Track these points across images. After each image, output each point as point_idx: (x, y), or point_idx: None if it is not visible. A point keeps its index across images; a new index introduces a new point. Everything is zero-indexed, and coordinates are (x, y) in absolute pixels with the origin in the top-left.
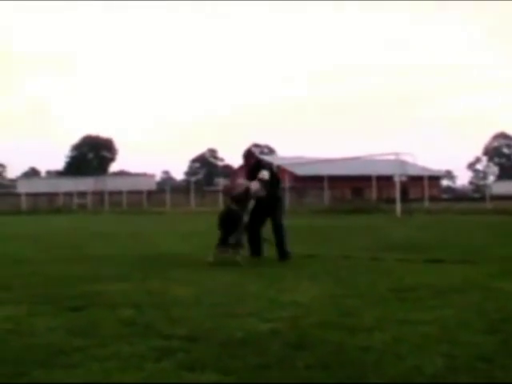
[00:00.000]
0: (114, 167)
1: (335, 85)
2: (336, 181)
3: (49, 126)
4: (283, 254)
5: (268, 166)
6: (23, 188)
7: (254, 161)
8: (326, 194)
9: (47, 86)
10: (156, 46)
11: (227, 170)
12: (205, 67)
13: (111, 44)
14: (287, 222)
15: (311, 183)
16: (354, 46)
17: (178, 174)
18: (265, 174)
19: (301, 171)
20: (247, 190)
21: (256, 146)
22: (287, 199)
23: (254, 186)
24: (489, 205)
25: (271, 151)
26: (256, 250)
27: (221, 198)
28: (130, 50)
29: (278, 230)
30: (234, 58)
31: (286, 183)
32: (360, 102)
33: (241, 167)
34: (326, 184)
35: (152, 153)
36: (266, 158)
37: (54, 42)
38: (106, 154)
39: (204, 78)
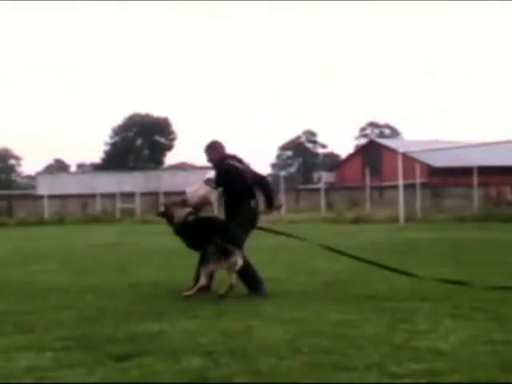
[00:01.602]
0: (171, 158)
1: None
2: (490, 174)
3: (81, 102)
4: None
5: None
6: (45, 188)
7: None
8: (476, 194)
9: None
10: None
11: (332, 161)
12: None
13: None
14: (418, 234)
15: (453, 178)
16: None
17: (262, 167)
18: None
19: (437, 161)
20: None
21: (373, 125)
22: (418, 200)
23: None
24: None
25: (394, 133)
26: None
27: (323, 199)
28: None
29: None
30: None
31: (417, 178)
32: None
33: (350, 156)
34: (475, 179)
35: (225, 138)
36: (388, 142)
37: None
38: (159, 139)
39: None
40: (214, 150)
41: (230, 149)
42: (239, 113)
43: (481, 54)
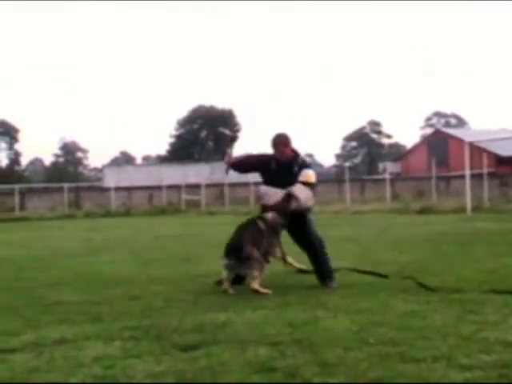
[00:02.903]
0: (236, 149)
1: None
2: None
3: (147, 96)
4: (329, 275)
5: (307, 163)
6: (112, 180)
7: (291, 153)
8: None
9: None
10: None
11: (397, 151)
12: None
13: None
14: (486, 224)
15: None
16: None
17: (327, 158)
18: (311, 175)
19: (505, 150)
20: (288, 198)
21: (439, 115)
22: (486, 190)
23: (303, 191)
24: None
25: (461, 122)
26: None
27: (388, 190)
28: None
29: (319, 245)
30: None
31: (484, 167)
32: None
33: (415, 146)
34: None
35: (288, 129)
36: (454, 131)
37: None
38: (224, 130)
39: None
40: (289, 145)
41: (295, 141)
42: (304, 104)
43: None
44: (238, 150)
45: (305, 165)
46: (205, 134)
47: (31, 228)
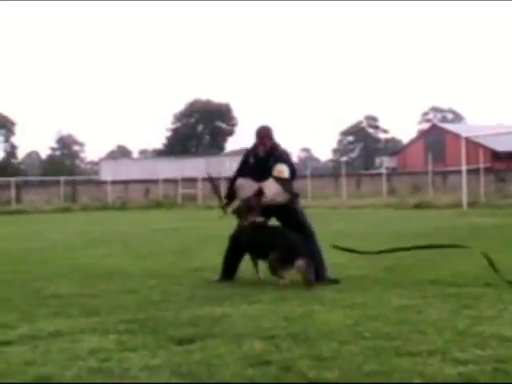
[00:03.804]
0: (232, 143)
1: None
2: None
3: (143, 89)
4: (323, 277)
5: (285, 156)
6: (109, 174)
7: (269, 146)
8: None
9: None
10: None
11: (394, 146)
12: None
13: None
14: (482, 219)
15: None
16: None
17: (323, 153)
18: (283, 170)
19: (501, 146)
20: (259, 193)
21: (436, 110)
22: (482, 185)
23: (271, 187)
24: None
25: (458, 117)
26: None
27: (384, 184)
28: None
29: (313, 243)
30: None
31: (481, 163)
32: None
33: (412, 141)
34: None
35: (285, 123)
36: (451, 126)
37: None
38: (221, 125)
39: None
40: (271, 138)
41: (293, 134)
42: (301, 98)
43: None
44: (236, 144)
45: (280, 159)
46: (201, 128)
47: (27, 221)
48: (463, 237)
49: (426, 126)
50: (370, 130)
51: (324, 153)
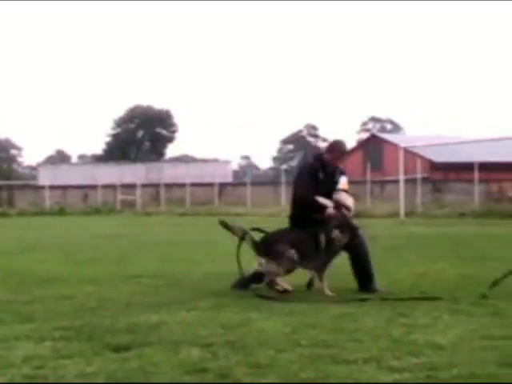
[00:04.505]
0: (172, 150)
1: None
2: (491, 170)
3: (83, 94)
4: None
5: (344, 170)
6: (47, 179)
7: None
8: (477, 190)
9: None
10: None
11: None
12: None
13: None
14: (420, 228)
15: (454, 174)
16: None
17: (264, 161)
18: (346, 183)
19: (439, 157)
20: (346, 207)
21: (375, 120)
22: (419, 195)
23: (350, 200)
24: None
25: (396, 128)
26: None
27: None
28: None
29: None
30: None
31: (418, 173)
32: None
33: (351, 150)
34: (476, 175)
35: (226, 131)
36: (390, 137)
37: None
38: (161, 131)
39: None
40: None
41: (233, 142)
42: (241, 106)
43: (484, 50)
44: (176, 150)
45: (344, 172)
46: (141, 133)
47: None
48: (402, 246)
49: (364, 135)
50: (310, 139)
51: (264, 161)
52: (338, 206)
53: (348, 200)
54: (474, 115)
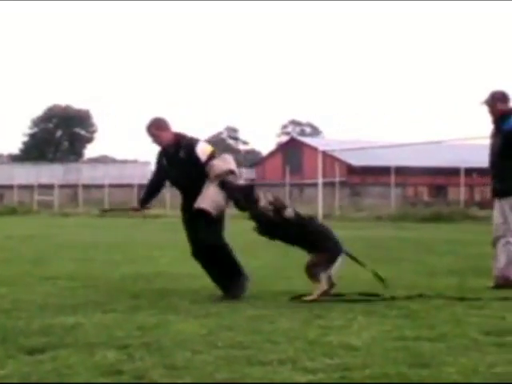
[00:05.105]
0: (91, 151)
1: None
2: (408, 174)
3: None
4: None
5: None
6: None
7: (172, 137)
8: (394, 194)
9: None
10: None
11: (254, 158)
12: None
13: None
14: (337, 232)
15: (372, 178)
16: None
17: None
18: (206, 147)
19: (357, 160)
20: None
21: (295, 123)
22: (337, 198)
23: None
24: None
25: (315, 131)
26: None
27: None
28: None
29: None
30: None
31: (336, 177)
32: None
33: (270, 153)
34: (392, 179)
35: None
36: (309, 140)
37: None
38: (80, 131)
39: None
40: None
41: (151, 143)
42: (159, 107)
43: (403, 54)
44: (95, 151)
45: (191, 143)
46: (60, 133)
47: None
48: None
49: (284, 138)
50: (231, 141)
51: None
52: (224, 182)
53: (224, 165)
54: (394, 121)
